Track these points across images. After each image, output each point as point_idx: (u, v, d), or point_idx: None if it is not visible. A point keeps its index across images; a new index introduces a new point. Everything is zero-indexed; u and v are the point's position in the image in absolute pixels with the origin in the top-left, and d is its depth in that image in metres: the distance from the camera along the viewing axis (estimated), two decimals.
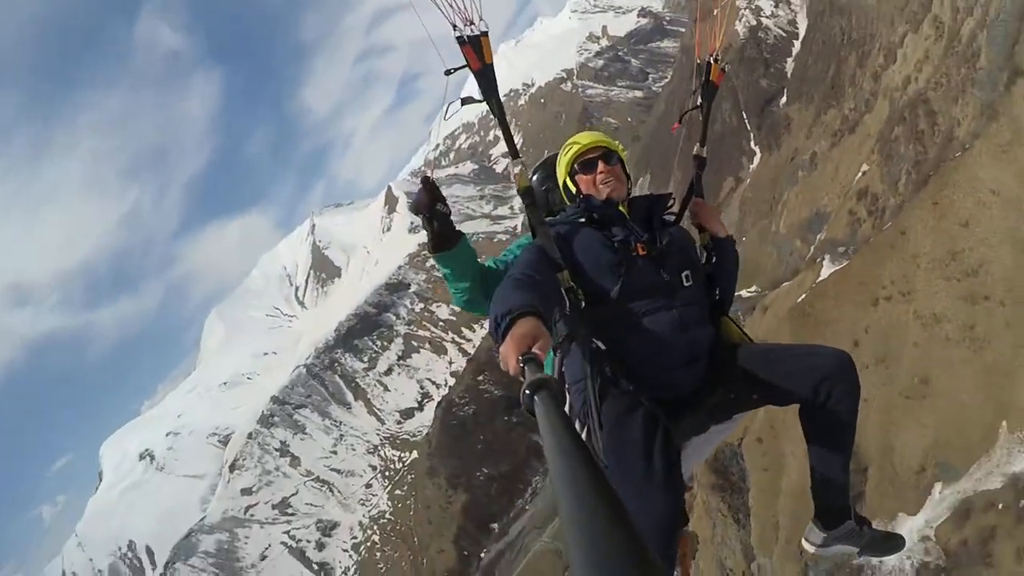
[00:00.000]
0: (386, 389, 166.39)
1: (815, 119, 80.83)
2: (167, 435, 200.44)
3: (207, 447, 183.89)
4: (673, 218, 3.16)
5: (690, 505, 47.86)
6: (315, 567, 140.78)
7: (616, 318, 2.71)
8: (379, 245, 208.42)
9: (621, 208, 2.95)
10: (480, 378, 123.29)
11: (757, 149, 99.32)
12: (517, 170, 2.95)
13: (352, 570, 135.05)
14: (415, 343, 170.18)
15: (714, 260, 3.14)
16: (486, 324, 2.26)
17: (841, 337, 34.82)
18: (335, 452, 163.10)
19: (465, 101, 2.91)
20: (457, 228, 3.06)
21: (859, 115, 65.91)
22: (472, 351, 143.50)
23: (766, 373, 2.77)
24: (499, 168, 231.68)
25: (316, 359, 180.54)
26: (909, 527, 28.31)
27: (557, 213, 3.24)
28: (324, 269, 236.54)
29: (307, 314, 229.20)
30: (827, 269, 49.53)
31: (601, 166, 2.99)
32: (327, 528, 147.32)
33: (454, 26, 2.65)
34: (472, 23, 2.66)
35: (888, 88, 59.98)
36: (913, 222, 35.25)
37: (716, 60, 3.52)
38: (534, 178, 3.64)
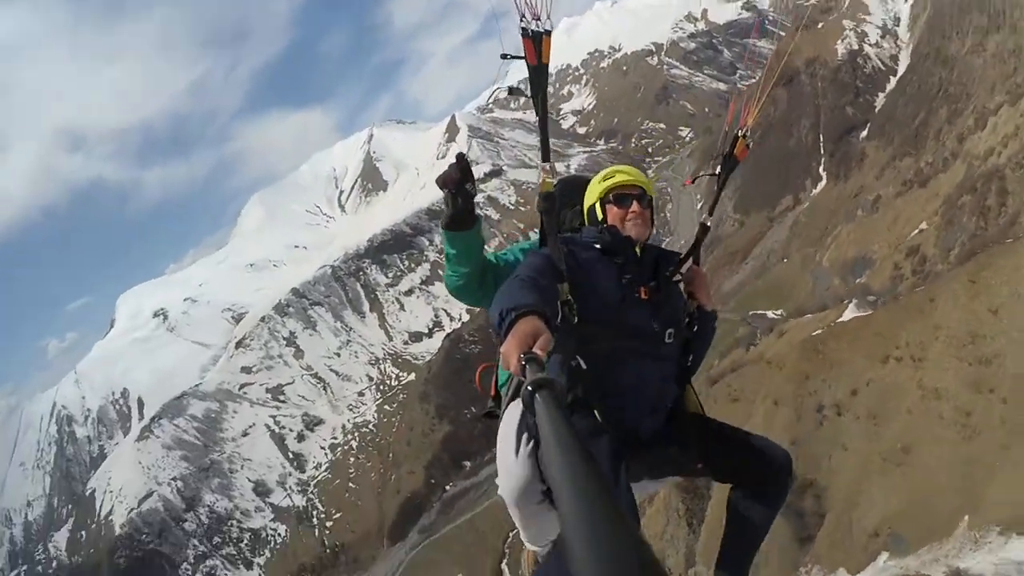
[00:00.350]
0: (402, 308, 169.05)
1: (889, 162, 79.90)
2: (185, 300, 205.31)
3: (220, 320, 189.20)
4: (677, 277, 3.23)
5: (650, 500, 49.62)
6: (290, 455, 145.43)
7: (602, 345, 2.76)
8: (430, 170, 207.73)
9: (637, 249, 3.02)
10: None
11: (824, 175, 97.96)
12: (545, 174, 2.95)
13: (324, 467, 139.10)
14: (441, 272, 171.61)
15: (695, 329, 3.16)
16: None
17: (843, 382, 35.46)
18: (338, 355, 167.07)
19: (512, 91, 2.98)
20: (476, 213, 3.09)
21: (934, 171, 64.98)
22: None
23: (720, 449, 2.92)
24: (565, 124, 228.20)
25: (343, 263, 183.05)
26: None
27: (565, 231, 3.34)
28: (372, 180, 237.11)
29: (345, 219, 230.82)
30: (850, 313, 49.91)
31: (635, 206, 3.06)
32: (312, 423, 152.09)
33: (522, 16, 2.67)
34: (539, 18, 2.67)
35: (969, 153, 58.86)
36: (945, 293, 35.03)
37: (744, 136, 3.58)
38: None
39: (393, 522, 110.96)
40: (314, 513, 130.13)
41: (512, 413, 2.76)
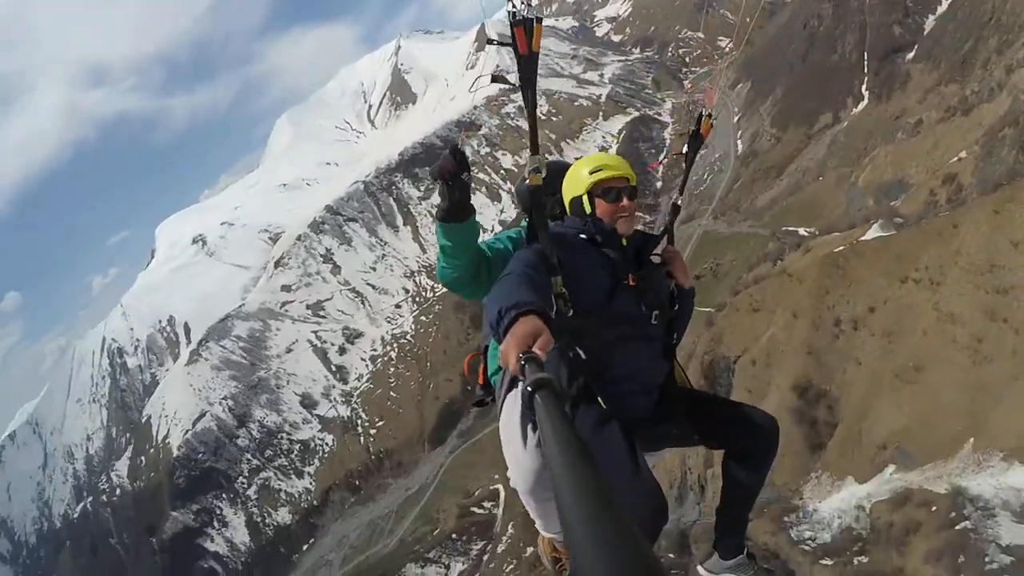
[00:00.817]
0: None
1: (934, 86, 77.17)
2: (221, 224, 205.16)
3: (257, 241, 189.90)
4: (659, 260, 3.24)
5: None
6: (333, 368, 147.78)
7: (597, 335, 2.79)
8: (460, 80, 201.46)
9: (624, 242, 3.05)
10: None
11: (866, 95, 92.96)
12: (533, 169, 2.82)
13: (365, 378, 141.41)
14: (472, 184, 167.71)
15: (675, 307, 3.22)
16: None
17: (861, 298, 35.92)
18: (374, 268, 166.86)
19: (495, 79, 2.84)
20: (471, 203, 2.96)
21: (978, 100, 62.35)
22: None
23: (709, 420, 3.03)
24: (600, 31, 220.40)
25: (375, 178, 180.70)
26: (852, 492, 30.34)
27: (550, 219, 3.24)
28: (400, 93, 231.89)
29: (375, 133, 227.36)
30: (874, 232, 49.05)
31: (625, 201, 3.06)
32: (352, 336, 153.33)
33: (511, 3, 2.56)
34: (530, 4, 2.57)
35: (1016, 86, 56.78)
36: (969, 220, 34.41)
37: (710, 115, 3.57)
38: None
39: (433, 428, 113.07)
40: (358, 422, 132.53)
41: (512, 405, 2.85)
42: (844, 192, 72.61)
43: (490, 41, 2.69)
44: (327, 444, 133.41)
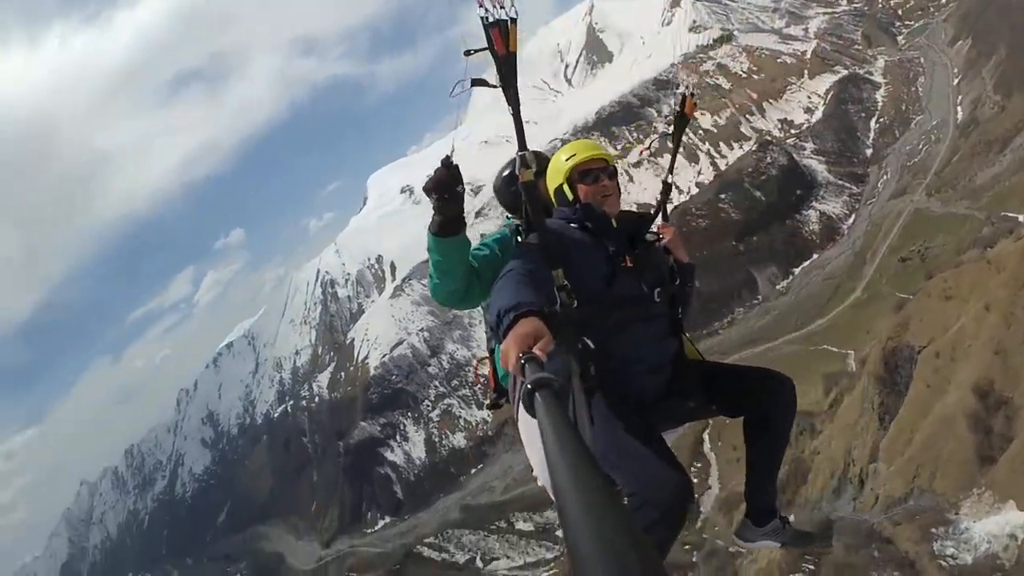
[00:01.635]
0: (630, 180, 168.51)
1: None
2: (427, 176, 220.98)
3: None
4: (655, 237, 3.27)
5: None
6: None
7: (601, 322, 2.83)
8: (655, 38, 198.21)
9: (613, 222, 3.09)
10: (722, 196, 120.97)
11: None
12: (523, 163, 2.85)
13: None
14: (670, 144, 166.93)
15: (677, 282, 3.22)
16: (744, 145, 3.77)
17: None
18: None
19: (476, 83, 2.84)
20: (464, 217, 2.95)
21: None
22: (723, 168, 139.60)
23: (727, 389, 3.10)
24: None
25: (573, 136, 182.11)
26: (1009, 518, 26.73)
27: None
28: (596, 52, 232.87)
29: (572, 92, 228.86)
30: None
31: (605, 180, 3.09)
32: None
33: (482, 6, 2.56)
34: (502, 6, 2.57)
35: None
36: None
37: (692, 94, 3.78)
38: (506, 173, 3.66)
39: None
40: None
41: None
42: None
43: (467, 52, 2.61)
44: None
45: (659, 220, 3.49)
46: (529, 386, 1.41)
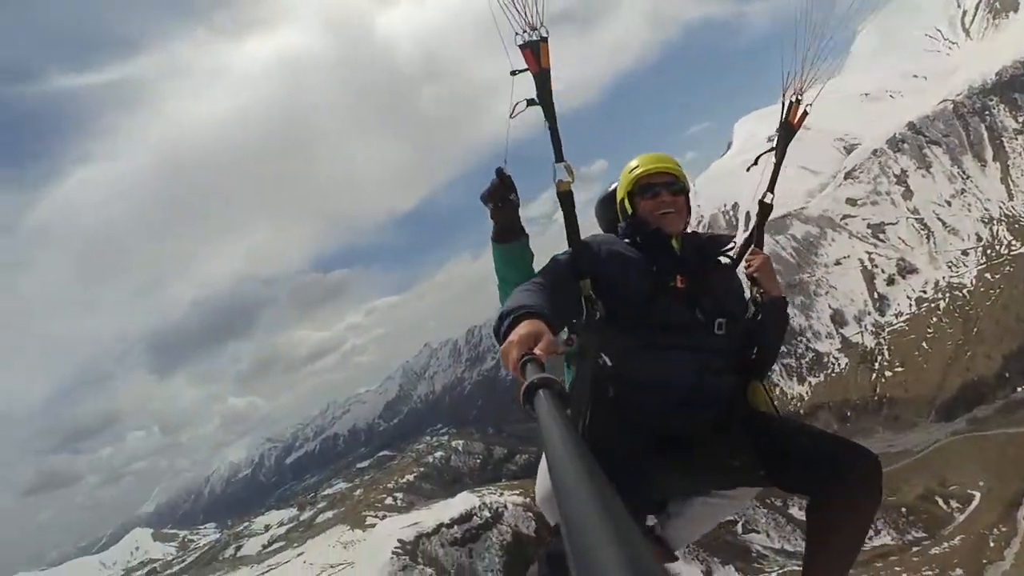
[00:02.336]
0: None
1: None
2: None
3: (830, 148, 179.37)
4: (729, 262, 3.00)
5: None
6: (875, 295, 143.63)
7: (631, 339, 2.60)
8: None
9: (674, 243, 2.82)
10: None
11: None
12: (560, 174, 2.79)
13: (904, 316, 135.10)
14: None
15: (759, 318, 2.87)
16: None
17: None
18: (949, 203, 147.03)
19: (532, 103, 2.85)
20: (521, 226, 2.97)
21: None
22: None
23: (784, 450, 2.55)
24: None
25: (967, 98, 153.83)
26: None
27: None
28: None
29: (969, 45, 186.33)
30: None
31: (665, 195, 2.85)
32: (905, 269, 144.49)
33: (516, 33, 2.70)
34: (535, 28, 2.69)
35: None
36: None
37: (799, 100, 3.32)
38: (604, 195, 3.49)
39: (948, 399, 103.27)
40: (878, 358, 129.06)
41: None
42: None
43: (513, 72, 2.70)
44: (839, 365, 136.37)
45: (734, 241, 3.06)
46: (528, 387, 1.35)
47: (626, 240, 2.88)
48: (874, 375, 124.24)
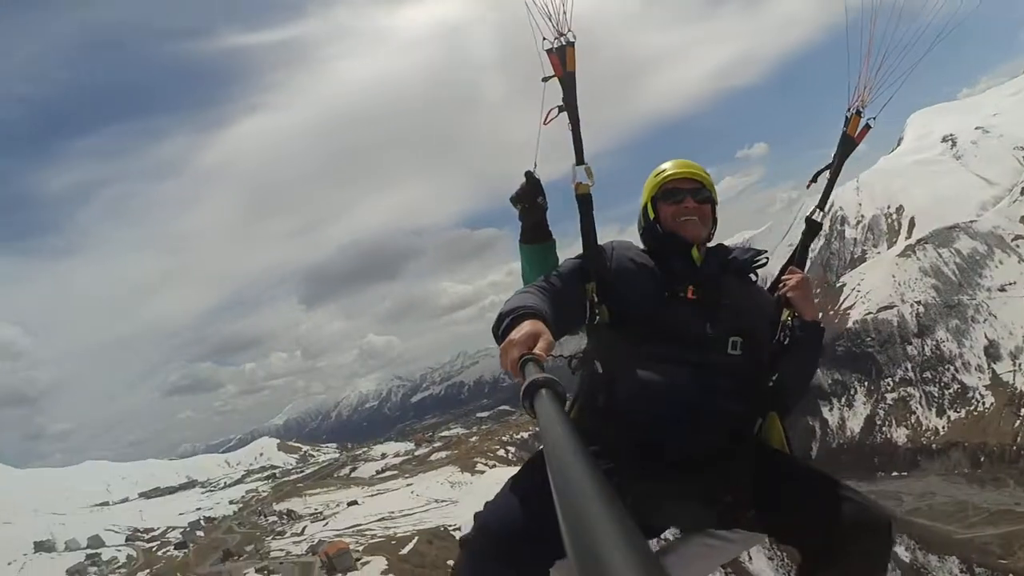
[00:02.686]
0: None
1: None
2: (975, 128, 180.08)
3: (1009, 158, 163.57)
4: (755, 276, 2.72)
5: None
6: None
7: (631, 348, 2.40)
8: None
9: (695, 252, 2.59)
10: None
11: None
12: (580, 177, 2.73)
13: None
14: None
15: (787, 342, 2.56)
16: None
17: None
18: None
19: (562, 109, 2.79)
20: (548, 228, 3.00)
21: None
22: None
23: (783, 495, 2.27)
24: None
25: None
26: None
27: None
28: None
29: None
30: None
31: (688, 201, 2.62)
32: None
33: (544, 39, 2.70)
34: (563, 34, 2.71)
35: None
36: None
37: (860, 112, 2.91)
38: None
39: None
40: None
41: None
42: None
43: (544, 79, 2.71)
44: (983, 403, 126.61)
45: (766, 256, 2.79)
46: (528, 387, 1.35)
47: (642, 247, 2.73)
48: (1018, 421, 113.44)
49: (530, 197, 2.91)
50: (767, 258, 2.77)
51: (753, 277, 2.71)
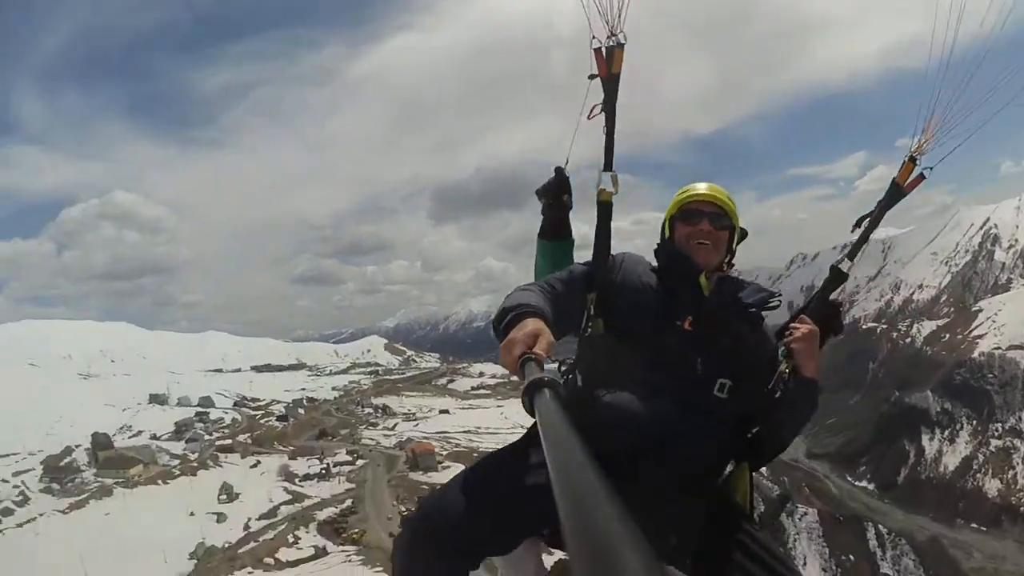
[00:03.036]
0: None
1: None
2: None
3: None
4: (761, 318, 2.46)
5: None
6: None
7: (614, 366, 2.30)
8: None
9: (703, 279, 2.42)
10: None
11: None
12: (605, 183, 2.62)
13: None
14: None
15: (778, 395, 2.33)
16: None
17: None
18: None
19: (603, 107, 2.68)
20: (569, 227, 3.01)
21: None
22: None
23: (719, 560, 2.16)
24: None
25: None
26: None
27: None
28: None
29: None
30: None
31: (705, 224, 2.44)
32: None
33: (593, 36, 2.59)
34: (615, 35, 2.59)
35: None
36: None
37: (915, 160, 2.66)
38: None
39: None
40: None
41: None
42: None
43: (591, 76, 2.60)
44: None
45: (779, 299, 2.53)
46: (528, 387, 1.33)
47: (652, 266, 2.53)
48: None
49: (556, 193, 2.96)
50: (779, 301, 2.54)
51: (764, 314, 2.48)
